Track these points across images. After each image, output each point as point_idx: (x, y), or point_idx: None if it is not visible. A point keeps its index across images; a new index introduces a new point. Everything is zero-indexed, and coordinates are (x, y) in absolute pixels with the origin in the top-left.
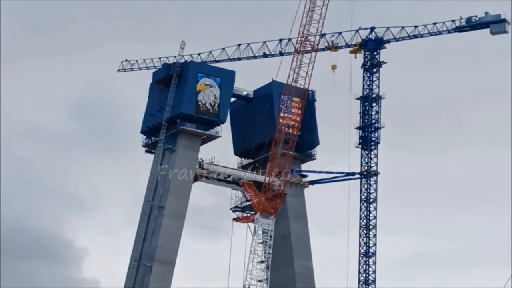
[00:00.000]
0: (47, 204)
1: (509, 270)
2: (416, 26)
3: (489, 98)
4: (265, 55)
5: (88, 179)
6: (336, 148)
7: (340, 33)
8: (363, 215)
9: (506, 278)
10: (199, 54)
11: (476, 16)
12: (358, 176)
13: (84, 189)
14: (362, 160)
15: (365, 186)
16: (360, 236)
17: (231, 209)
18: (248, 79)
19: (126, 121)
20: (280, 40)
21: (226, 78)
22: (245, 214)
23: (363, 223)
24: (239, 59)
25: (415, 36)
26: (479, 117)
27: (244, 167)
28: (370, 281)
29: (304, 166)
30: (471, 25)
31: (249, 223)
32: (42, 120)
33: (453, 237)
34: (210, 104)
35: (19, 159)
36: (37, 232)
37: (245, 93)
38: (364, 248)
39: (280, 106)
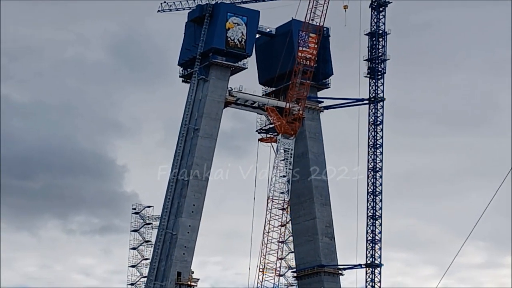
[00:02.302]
0: (91, 127)
1: (491, 183)
2: None
3: (482, 33)
4: None
5: (128, 107)
6: (347, 77)
7: None
8: (371, 136)
9: (487, 189)
10: None
11: None
12: (366, 102)
13: (124, 115)
14: (370, 88)
15: (373, 110)
16: (368, 153)
17: (256, 131)
18: (271, 18)
19: (163, 56)
20: None
21: (251, 17)
22: (268, 135)
23: (371, 143)
24: (263, 0)
25: None
26: (473, 50)
27: (268, 95)
28: (377, 192)
29: (320, 94)
30: None
31: (272, 143)
32: (87, 55)
33: (447, 155)
34: (238, 39)
35: (66, 88)
36: (82, 152)
37: (268, 30)
38: (372, 164)
39: (299, 41)
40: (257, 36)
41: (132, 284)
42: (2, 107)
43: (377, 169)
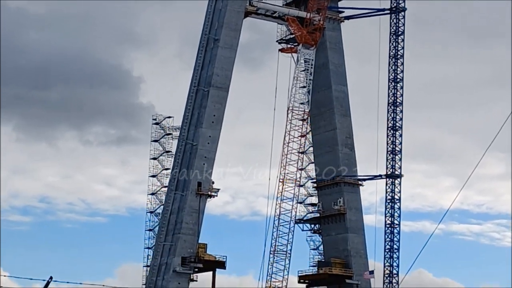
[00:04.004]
0: (107, 38)
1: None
2: None
3: None
4: None
5: (144, 18)
6: None
7: None
8: (392, 46)
9: (508, 100)
10: None
11: None
12: (388, 11)
13: (141, 26)
14: None
15: (394, 20)
16: (389, 64)
17: (277, 41)
18: None
19: None
20: None
21: None
22: (289, 46)
23: (392, 53)
24: None
25: None
26: None
27: (288, 5)
28: (397, 103)
29: (341, 3)
30: None
31: (293, 54)
32: None
33: (469, 66)
34: None
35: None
36: (99, 62)
37: None
38: (393, 74)
39: None
40: None
41: (152, 194)
42: (19, 19)
43: (398, 79)
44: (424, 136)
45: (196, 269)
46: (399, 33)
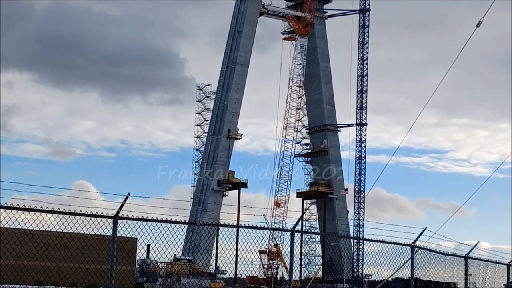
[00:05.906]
0: (162, 32)
1: None
2: None
3: None
4: None
5: (188, 19)
6: None
7: None
8: (360, 36)
9: (435, 72)
10: None
11: None
12: (357, 11)
13: (186, 25)
14: (360, 1)
15: (362, 18)
16: (358, 48)
17: (281, 32)
18: None
19: None
20: None
21: None
22: (290, 36)
23: (360, 40)
24: None
25: None
26: None
27: (289, 7)
28: (364, 75)
29: (326, 6)
30: None
31: (292, 41)
32: None
33: (412, 49)
34: None
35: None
36: (156, 48)
37: None
38: (361, 55)
39: None
40: None
41: (197, 137)
42: (102, 19)
43: (364, 58)
44: (382, 97)
45: (227, 188)
46: (365, 26)
